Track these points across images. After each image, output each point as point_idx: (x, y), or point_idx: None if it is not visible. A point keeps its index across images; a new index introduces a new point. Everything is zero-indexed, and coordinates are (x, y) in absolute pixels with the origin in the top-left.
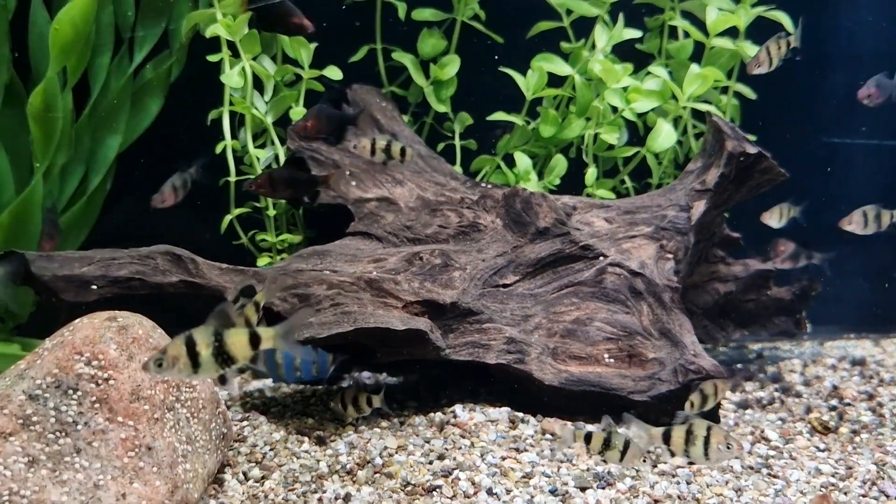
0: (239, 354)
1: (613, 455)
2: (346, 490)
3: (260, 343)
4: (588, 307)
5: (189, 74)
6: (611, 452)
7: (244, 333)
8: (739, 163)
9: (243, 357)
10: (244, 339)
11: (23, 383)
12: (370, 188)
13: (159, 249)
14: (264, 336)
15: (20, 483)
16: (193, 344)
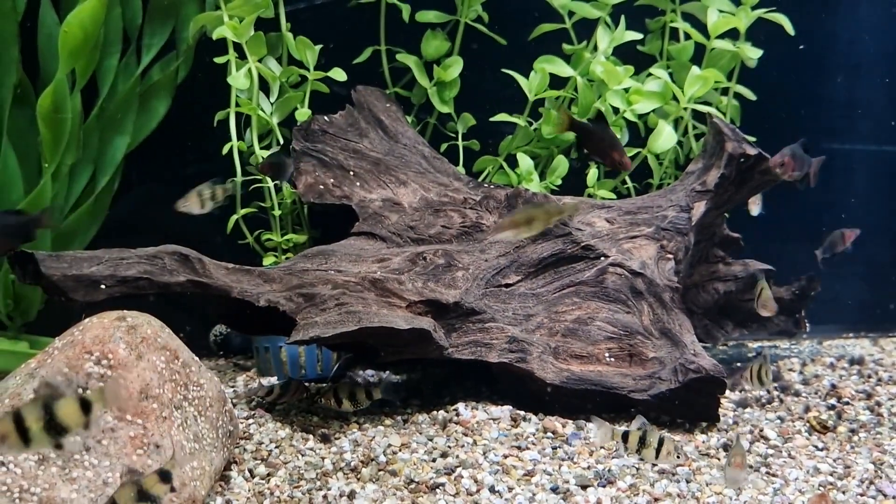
0: (72, 423)
1: (649, 453)
2: (350, 487)
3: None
4: (589, 307)
5: (196, 76)
6: (647, 451)
7: (73, 402)
8: (740, 164)
9: (76, 425)
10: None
11: (33, 382)
12: (374, 189)
13: (167, 249)
14: (94, 400)
15: (30, 480)
16: (21, 420)
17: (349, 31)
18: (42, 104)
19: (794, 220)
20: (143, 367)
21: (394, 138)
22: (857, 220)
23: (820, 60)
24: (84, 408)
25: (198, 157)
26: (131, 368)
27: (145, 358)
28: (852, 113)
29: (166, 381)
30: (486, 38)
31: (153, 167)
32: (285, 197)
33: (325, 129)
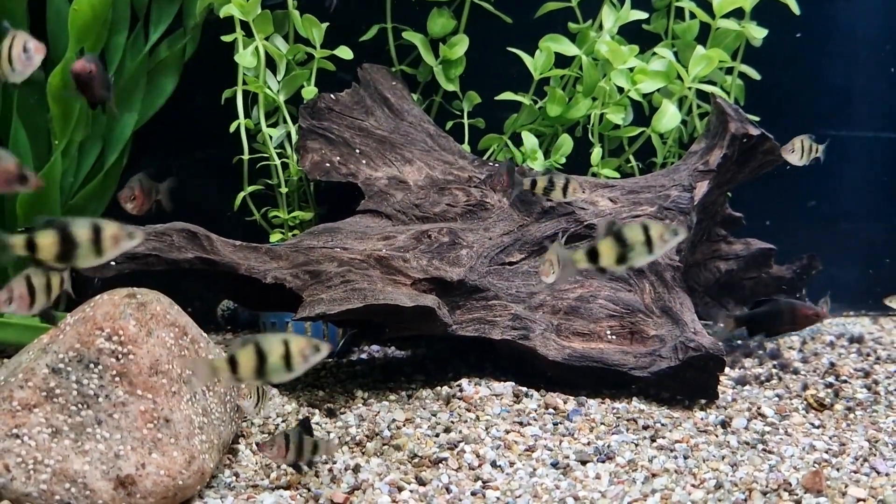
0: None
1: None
2: (355, 461)
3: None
4: (591, 285)
5: (203, 53)
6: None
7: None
8: (742, 144)
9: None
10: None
11: (46, 357)
12: (380, 167)
13: (175, 227)
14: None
15: (44, 452)
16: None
17: (355, 9)
18: (52, 82)
19: (795, 200)
20: (153, 343)
21: (399, 116)
22: (857, 201)
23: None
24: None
25: (205, 135)
26: (141, 344)
27: (155, 334)
28: (852, 98)
29: (175, 357)
30: (492, 17)
31: (161, 144)
32: (292, 174)
33: (331, 106)
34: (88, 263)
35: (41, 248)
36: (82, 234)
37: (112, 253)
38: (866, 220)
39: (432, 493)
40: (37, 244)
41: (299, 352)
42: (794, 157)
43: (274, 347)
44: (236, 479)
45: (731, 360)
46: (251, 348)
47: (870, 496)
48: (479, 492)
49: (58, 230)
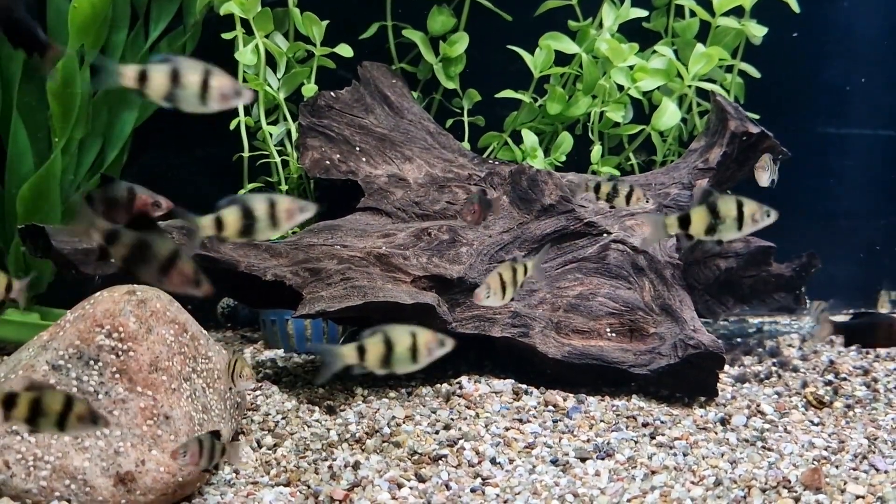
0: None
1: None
2: (355, 458)
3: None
4: (591, 282)
5: (203, 51)
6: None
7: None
8: (742, 142)
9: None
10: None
11: (46, 354)
12: (380, 164)
13: (175, 224)
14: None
15: (44, 449)
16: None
17: (355, 7)
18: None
19: (795, 198)
20: (153, 341)
21: (399, 114)
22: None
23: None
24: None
25: (205, 132)
26: (141, 342)
27: (155, 331)
28: (851, 96)
29: (175, 354)
30: (492, 14)
31: (161, 142)
32: (292, 172)
33: (331, 104)
34: (265, 236)
35: (227, 225)
36: (261, 209)
37: (286, 226)
38: (866, 217)
39: (432, 489)
40: (223, 221)
41: (425, 344)
42: (765, 176)
43: (401, 338)
44: (236, 475)
45: (731, 358)
46: (380, 337)
47: (869, 493)
48: (479, 489)
49: (240, 207)
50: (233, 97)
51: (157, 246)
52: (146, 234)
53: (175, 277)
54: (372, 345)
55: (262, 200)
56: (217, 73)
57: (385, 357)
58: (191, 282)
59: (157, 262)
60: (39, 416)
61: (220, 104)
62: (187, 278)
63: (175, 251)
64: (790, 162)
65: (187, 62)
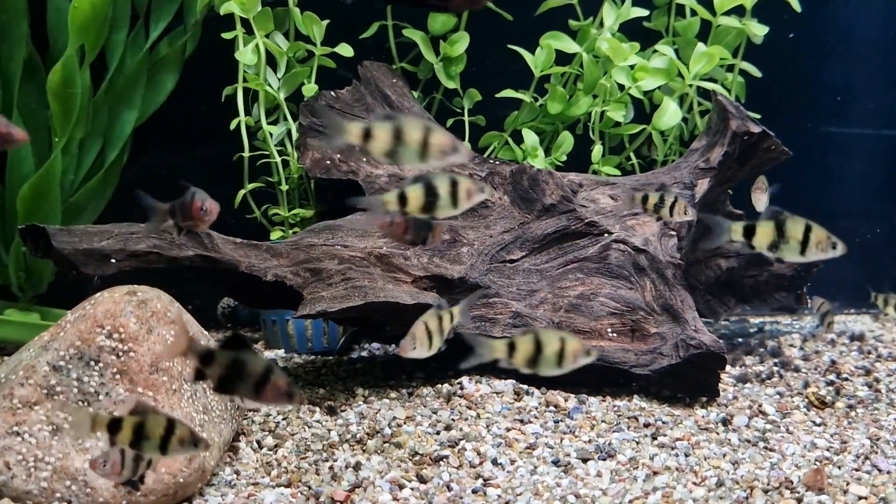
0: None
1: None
2: (356, 459)
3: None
4: (592, 282)
5: (203, 51)
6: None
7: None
8: (743, 141)
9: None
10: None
11: (47, 355)
12: (381, 164)
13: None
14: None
15: (45, 450)
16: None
17: (356, 6)
18: (52, 79)
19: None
20: (154, 341)
21: (400, 113)
22: (857, 199)
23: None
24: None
25: (205, 132)
26: (142, 342)
27: (155, 332)
28: (852, 96)
29: None
30: (493, 14)
31: (162, 141)
32: (292, 172)
33: (331, 104)
34: (445, 215)
35: (411, 201)
36: (443, 187)
37: (466, 205)
38: (867, 217)
39: (433, 490)
40: (407, 197)
41: (573, 352)
42: (763, 199)
43: (551, 342)
44: (237, 476)
45: (732, 358)
46: (531, 338)
47: (871, 494)
48: (480, 490)
49: (424, 185)
50: (450, 154)
51: (252, 364)
52: (240, 354)
53: (270, 393)
54: (522, 344)
55: (445, 179)
56: (437, 130)
57: (532, 358)
58: (285, 395)
59: (252, 380)
60: (143, 440)
61: (439, 160)
62: (282, 392)
63: (268, 366)
64: (791, 161)
65: (409, 121)
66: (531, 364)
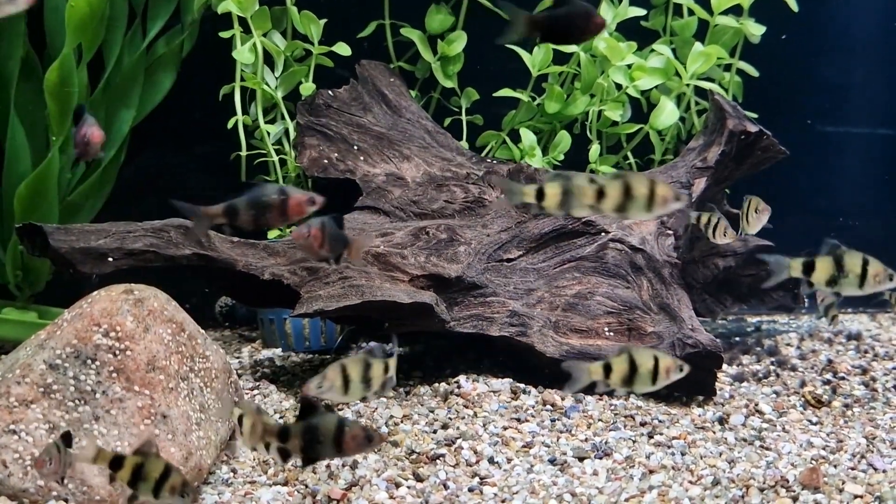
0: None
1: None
2: (352, 457)
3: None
4: (589, 281)
5: (200, 50)
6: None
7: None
8: (740, 141)
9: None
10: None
11: (43, 353)
12: (378, 163)
13: (173, 223)
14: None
15: (42, 449)
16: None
17: (354, 5)
18: (49, 78)
19: (793, 197)
20: (150, 340)
21: (397, 113)
22: (853, 200)
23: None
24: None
25: (203, 131)
26: (138, 340)
27: (152, 330)
28: (850, 95)
29: (172, 353)
30: (490, 13)
31: (159, 140)
32: (290, 171)
33: (329, 103)
34: (581, 214)
35: (548, 197)
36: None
37: (606, 208)
38: (864, 216)
39: (430, 489)
40: (545, 193)
41: (665, 368)
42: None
43: (645, 360)
44: (234, 475)
45: (729, 357)
46: (625, 358)
47: (867, 493)
48: (477, 488)
49: (563, 182)
50: (672, 202)
51: (325, 425)
52: (311, 421)
53: (351, 445)
54: (617, 364)
55: (583, 178)
56: (660, 184)
57: (628, 377)
58: (366, 442)
59: (331, 439)
60: (140, 481)
61: (663, 210)
62: (362, 440)
63: (340, 422)
64: (788, 160)
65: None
66: (627, 383)
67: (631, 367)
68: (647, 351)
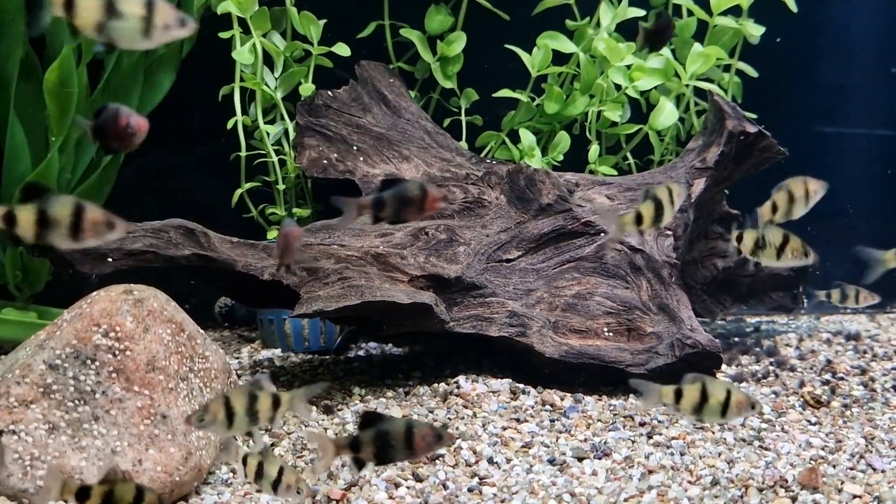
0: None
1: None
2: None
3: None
4: (588, 282)
5: (200, 50)
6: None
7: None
8: (740, 141)
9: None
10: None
11: (43, 353)
12: (378, 164)
13: (172, 223)
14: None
15: (41, 449)
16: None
17: (353, 6)
18: (49, 78)
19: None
20: (150, 340)
21: (397, 113)
22: (852, 201)
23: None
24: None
25: (202, 132)
26: (138, 341)
27: (152, 331)
28: (849, 95)
29: (172, 354)
30: (490, 14)
31: (158, 141)
32: (289, 171)
33: (328, 103)
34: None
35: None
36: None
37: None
38: (864, 217)
39: (429, 489)
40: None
41: (737, 403)
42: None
43: (717, 392)
44: (233, 475)
45: (728, 358)
46: (697, 387)
47: (866, 493)
48: (476, 488)
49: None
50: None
51: (394, 430)
52: (379, 426)
53: (422, 445)
54: (689, 391)
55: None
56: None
57: (698, 405)
58: (436, 441)
59: (401, 443)
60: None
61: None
62: (431, 440)
63: (408, 424)
64: (787, 161)
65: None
66: (696, 411)
67: (702, 396)
68: (721, 383)
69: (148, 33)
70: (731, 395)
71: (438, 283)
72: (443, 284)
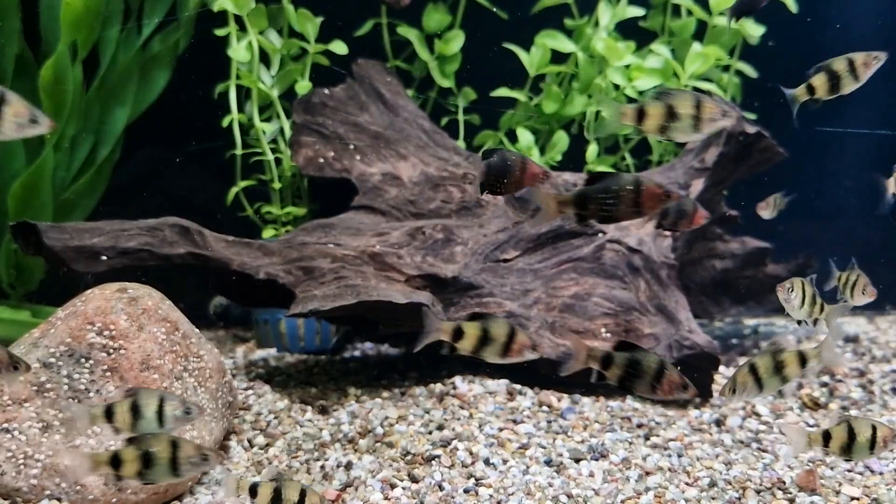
0: None
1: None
2: (347, 458)
3: None
4: (586, 282)
5: (196, 48)
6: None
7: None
8: (738, 142)
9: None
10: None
11: (37, 351)
12: (374, 163)
13: (167, 221)
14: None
15: (35, 447)
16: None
17: (350, 4)
18: (44, 75)
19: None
20: (144, 339)
21: (394, 112)
22: (851, 201)
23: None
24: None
25: (198, 129)
26: (132, 340)
27: (146, 329)
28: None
29: (167, 353)
30: (488, 13)
31: (154, 138)
32: (285, 170)
33: (325, 102)
34: (684, 138)
35: (648, 117)
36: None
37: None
38: (863, 218)
39: (425, 490)
40: (646, 112)
41: (882, 437)
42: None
43: (863, 429)
44: (228, 475)
45: (727, 359)
46: (844, 427)
47: (863, 495)
48: (472, 489)
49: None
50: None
51: (647, 362)
52: (634, 354)
53: (667, 386)
54: (837, 433)
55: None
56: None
57: (846, 446)
58: (681, 388)
59: (649, 377)
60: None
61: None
62: (678, 385)
63: (661, 363)
64: (786, 162)
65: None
66: (845, 451)
67: (850, 436)
68: (864, 421)
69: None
70: (878, 431)
71: (435, 282)
72: (440, 284)
